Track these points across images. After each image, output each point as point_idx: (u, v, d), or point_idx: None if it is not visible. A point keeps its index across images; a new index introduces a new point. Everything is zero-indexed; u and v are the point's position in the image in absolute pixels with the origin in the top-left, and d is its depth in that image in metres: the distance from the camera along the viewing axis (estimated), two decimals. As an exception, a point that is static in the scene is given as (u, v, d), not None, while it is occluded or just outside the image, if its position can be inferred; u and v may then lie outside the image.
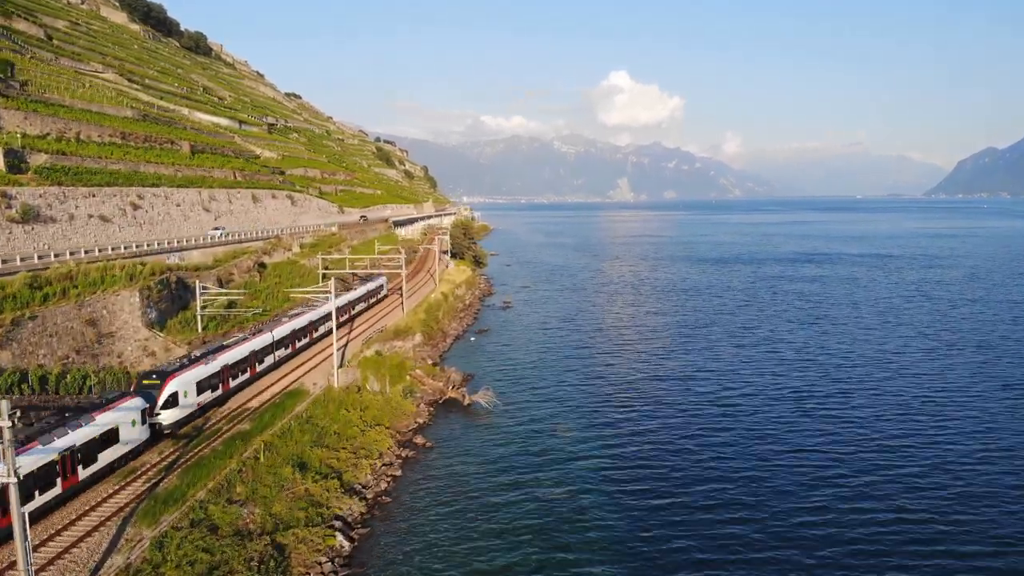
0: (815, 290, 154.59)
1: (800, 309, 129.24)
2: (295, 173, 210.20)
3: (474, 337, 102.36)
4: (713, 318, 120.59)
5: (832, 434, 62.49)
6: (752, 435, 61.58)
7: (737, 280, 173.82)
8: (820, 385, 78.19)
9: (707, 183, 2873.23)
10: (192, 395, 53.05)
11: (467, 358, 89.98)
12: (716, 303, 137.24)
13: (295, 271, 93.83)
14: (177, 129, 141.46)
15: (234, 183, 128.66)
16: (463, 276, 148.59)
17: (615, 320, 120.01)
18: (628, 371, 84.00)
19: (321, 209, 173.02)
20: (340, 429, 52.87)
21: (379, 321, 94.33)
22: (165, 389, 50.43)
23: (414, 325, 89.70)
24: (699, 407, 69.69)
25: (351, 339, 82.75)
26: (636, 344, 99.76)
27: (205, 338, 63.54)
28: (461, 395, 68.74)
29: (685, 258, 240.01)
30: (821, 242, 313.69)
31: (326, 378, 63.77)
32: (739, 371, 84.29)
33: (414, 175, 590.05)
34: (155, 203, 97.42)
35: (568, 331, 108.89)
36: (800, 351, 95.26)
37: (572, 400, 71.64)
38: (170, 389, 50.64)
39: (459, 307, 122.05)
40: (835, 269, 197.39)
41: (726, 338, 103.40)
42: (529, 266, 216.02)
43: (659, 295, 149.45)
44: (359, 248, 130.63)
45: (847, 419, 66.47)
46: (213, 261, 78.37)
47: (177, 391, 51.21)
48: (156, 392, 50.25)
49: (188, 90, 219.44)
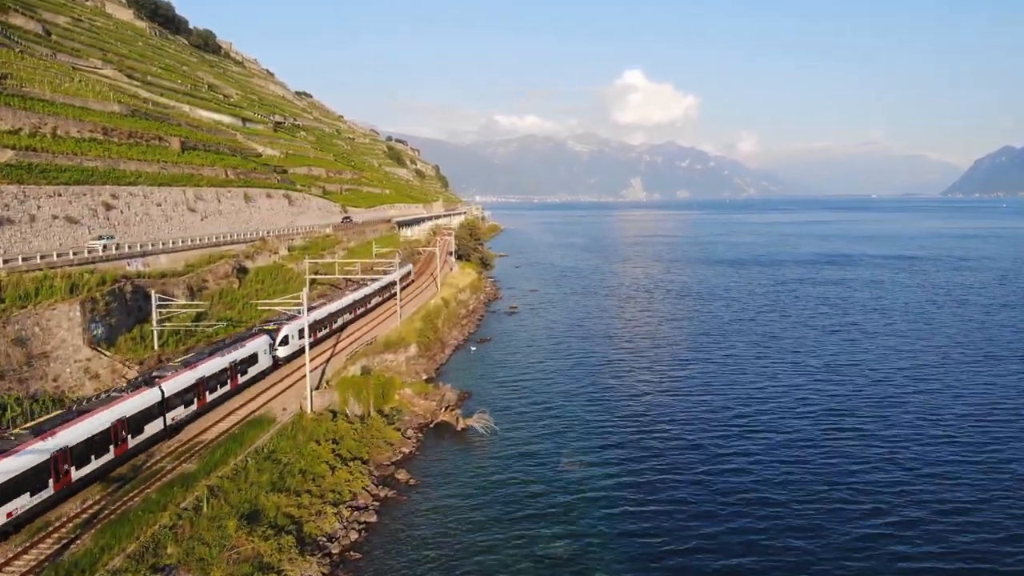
0: (839, 294, 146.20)
1: (825, 315, 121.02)
2: (298, 172, 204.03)
3: (475, 347, 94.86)
4: (732, 325, 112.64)
5: (870, 462, 54.76)
6: (785, 467, 53.76)
7: (756, 283, 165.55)
8: (853, 404, 70.17)
9: (721, 182, 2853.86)
10: (295, 339, 71.21)
11: (466, 372, 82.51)
12: (735, 309, 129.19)
13: (280, 276, 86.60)
14: (168, 125, 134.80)
15: (225, 181, 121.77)
16: (468, 279, 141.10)
17: (627, 328, 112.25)
18: (641, 388, 76.25)
19: (322, 209, 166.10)
20: (307, 466, 45.45)
21: (375, 328, 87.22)
22: (281, 332, 69.95)
23: (409, 335, 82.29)
24: (721, 431, 61.86)
25: (336, 352, 75.58)
26: (650, 355, 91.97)
27: (162, 356, 56.29)
28: (454, 418, 61.23)
29: (700, 260, 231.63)
30: (841, 243, 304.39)
31: (300, 401, 56.27)
32: (764, 387, 76.36)
33: (425, 174, 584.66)
34: (132, 203, 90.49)
35: (576, 340, 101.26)
36: (829, 364, 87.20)
37: (579, 423, 63.93)
38: (283, 332, 70.13)
39: (461, 313, 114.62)
40: (858, 271, 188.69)
41: (748, 349, 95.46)
42: (538, 268, 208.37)
43: (674, 299, 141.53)
44: (357, 251, 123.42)
45: (885, 444, 58.57)
46: (184, 267, 71.26)
47: (288, 334, 70.57)
48: (274, 334, 69.15)
49: (192, 87, 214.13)
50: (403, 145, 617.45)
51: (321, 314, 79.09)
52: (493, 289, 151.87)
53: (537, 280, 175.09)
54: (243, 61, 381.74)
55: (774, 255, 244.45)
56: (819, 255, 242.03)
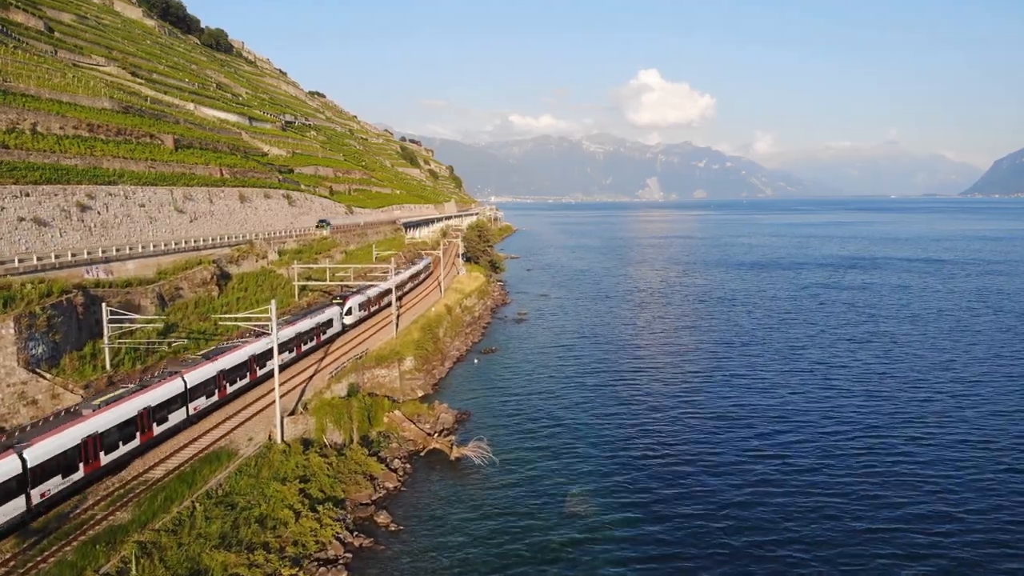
0: (867, 301, 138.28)
1: (854, 324, 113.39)
2: (305, 172, 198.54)
3: (478, 359, 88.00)
4: (755, 335, 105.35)
5: (914, 492, 47.76)
6: (824, 500, 46.73)
7: (778, 288, 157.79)
8: (892, 427, 62.88)
9: (738, 182, 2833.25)
10: (357, 311, 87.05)
11: (466, 387, 75.73)
12: (757, 316, 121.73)
13: (268, 283, 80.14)
14: (162, 122, 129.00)
15: (219, 181, 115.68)
16: (475, 284, 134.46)
17: (642, 337, 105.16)
18: (658, 407, 69.23)
19: (325, 209, 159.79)
20: (268, 511, 38.88)
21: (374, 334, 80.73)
22: (347, 303, 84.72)
23: (405, 348, 75.67)
24: (750, 461, 54.77)
25: (322, 367, 68.99)
26: (667, 369, 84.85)
27: (115, 377, 49.88)
28: (448, 445, 54.45)
29: (718, 262, 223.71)
30: (863, 245, 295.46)
31: (270, 429, 49.48)
32: (792, 407, 69.14)
33: (439, 175, 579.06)
34: (111, 203, 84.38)
35: (588, 351, 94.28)
36: (862, 380, 79.84)
37: (588, 452, 56.97)
38: (348, 304, 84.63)
39: (466, 321, 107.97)
40: (884, 276, 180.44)
41: (773, 362, 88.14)
42: (550, 271, 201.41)
43: (692, 305, 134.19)
44: (357, 254, 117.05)
45: (932, 475, 51.39)
46: (156, 274, 64.88)
47: (352, 305, 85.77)
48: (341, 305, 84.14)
49: (200, 86, 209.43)
50: (417, 145, 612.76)
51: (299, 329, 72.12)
52: (501, 294, 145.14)
53: (548, 284, 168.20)
54: (255, 61, 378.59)
55: (795, 258, 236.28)
56: (842, 258, 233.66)
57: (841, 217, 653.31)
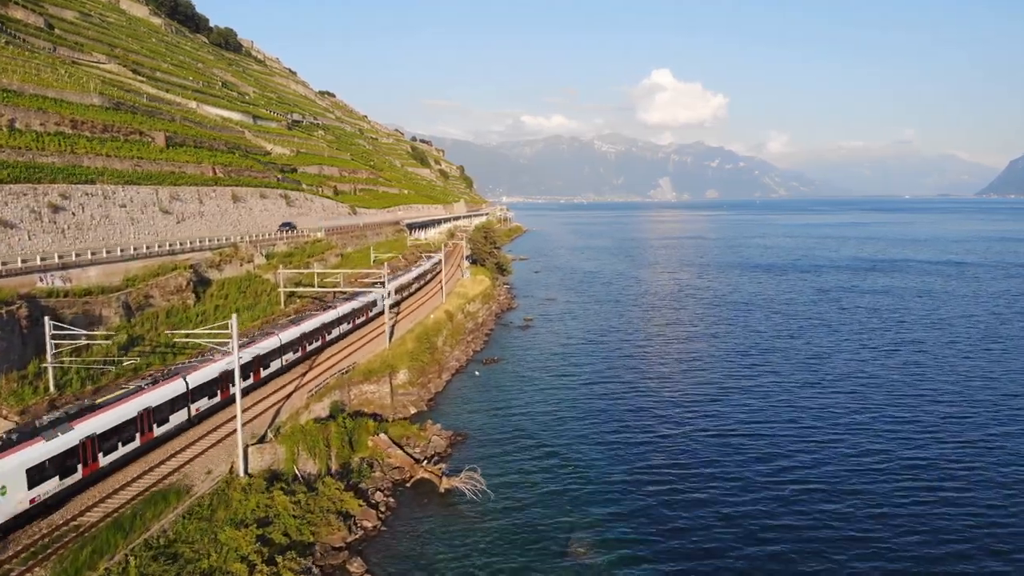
0: (890, 306, 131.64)
1: (879, 332, 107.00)
2: (309, 171, 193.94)
3: (479, 371, 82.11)
4: (774, 343, 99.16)
5: (960, 531, 41.68)
6: (854, 534, 40.82)
7: (796, 292, 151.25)
8: (933, 451, 56.74)
9: (751, 182, 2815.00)
10: (393, 295, 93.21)
11: (464, 403, 69.95)
12: (775, 322, 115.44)
13: (252, 289, 74.64)
14: (155, 119, 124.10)
15: (211, 180, 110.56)
16: (479, 288, 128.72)
17: (654, 345, 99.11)
18: (672, 426, 63.26)
19: (326, 210, 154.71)
20: (218, 563, 33.29)
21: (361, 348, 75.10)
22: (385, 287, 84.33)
23: (398, 359, 70.06)
24: (772, 492, 48.86)
25: (303, 384, 63.38)
26: (681, 382, 78.78)
27: (59, 400, 44.34)
28: (437, 475, 48.73)
29: (733, 264, 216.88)
30: (882, 246, 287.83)
31: (233, 460, 43.72)
32: (819, 428, 62.99)
33: (450, 175, 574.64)
34: (87, 204, 79.23)
35: (595, 361, 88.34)
36: (891, 393, 73.77)
37: (593, 480, 51.21)
38: (387, 288, 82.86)
39: (468, 327, 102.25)
40: (906, 279, 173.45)
41: (794, 373, 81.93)
42: (559, 273, 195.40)
43: (706, 311, 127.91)
44: (354, 257, 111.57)
45: (978, 501, 45.32)
46: (124, 280, 59.57)
47: (391, 290, 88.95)
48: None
49: (204, 84, 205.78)
50: (427, 146, 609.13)
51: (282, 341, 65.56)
52: (507, 298, 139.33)
53: (557, 287, 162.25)
54: (264, 60, 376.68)
55: (812, 259, 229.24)
56: (860, 259, 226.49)
57: (856, 217, 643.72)
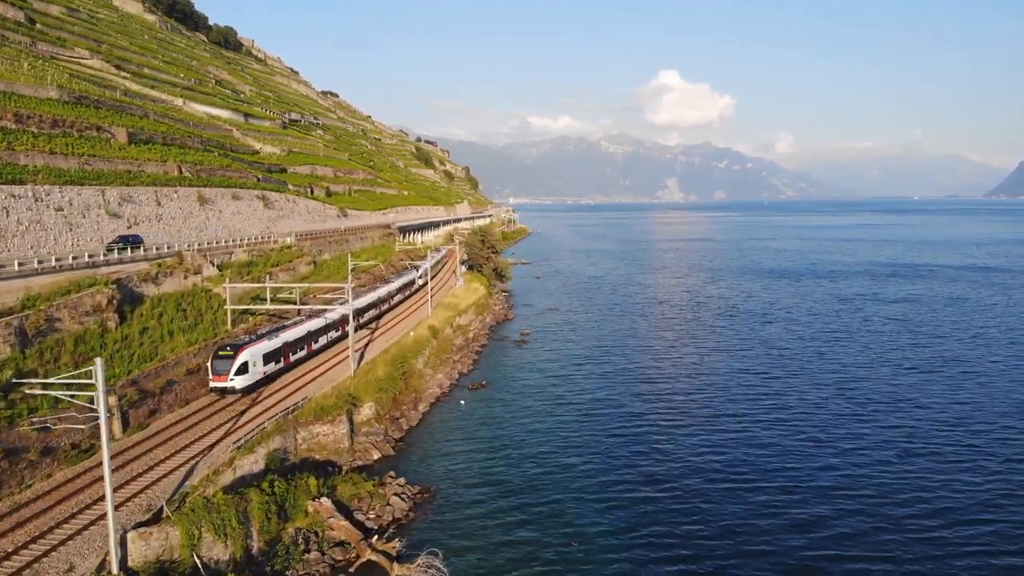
0: (920, 317, 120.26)
1: (915, 349, 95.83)
2: (300, 171, 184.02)
3: (464, 400, 71.13)
4: (797, 363, 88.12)
5: None
6: None
7: (815, 301, 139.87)
8: (1005, 511, 45.87)
9: (758, 183, 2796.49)
10: (427, 275, 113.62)
11: (438, 445, 58.90)
12: (796, 337, 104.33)
13: (195, 306, 63.39)
14: (123, 115, 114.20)
15: (175, 179, 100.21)
16: (473, 297, 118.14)
17: (663, 365, 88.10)
18: (687, 481, 52.44)
19: (311, 212, 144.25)
20: None
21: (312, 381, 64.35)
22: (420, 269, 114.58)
23: (363, 390, 59.41)
24: (793, 543, 38.15)
25: (239, 425, 52.67)
26: (695, 416, 67.65)
27: None
28: (387, 560, 37.86)
29: (746, 269, 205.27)
30: (899, 249, 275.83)
31: (110, 550, 32.50)
32: (853, 463, 52.14)
33: (454, 175, 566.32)
34: (15, 207, 68.82)
35: (597, 387, 77.35)
36: (938, 422, 62.87)
37: (592, 558, 40.51)
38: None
39: (456, 344, 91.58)
40: (932, 286, 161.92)
41: (824, 402, 70.84)
42: (562, 278, 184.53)
43: (720, 324, 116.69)
44: (329, 265, 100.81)
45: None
46: (22, 299, 48.96)
47: (427, 268, 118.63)
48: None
49: (197, 82, 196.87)
50: (432, 146, 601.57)
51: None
52: (504, 308, 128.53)
53: (558, 295, 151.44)
54: (265, 59, 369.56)
55: (828, 264, 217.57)
56: (878, 264, 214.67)
57: (867, 219, 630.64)
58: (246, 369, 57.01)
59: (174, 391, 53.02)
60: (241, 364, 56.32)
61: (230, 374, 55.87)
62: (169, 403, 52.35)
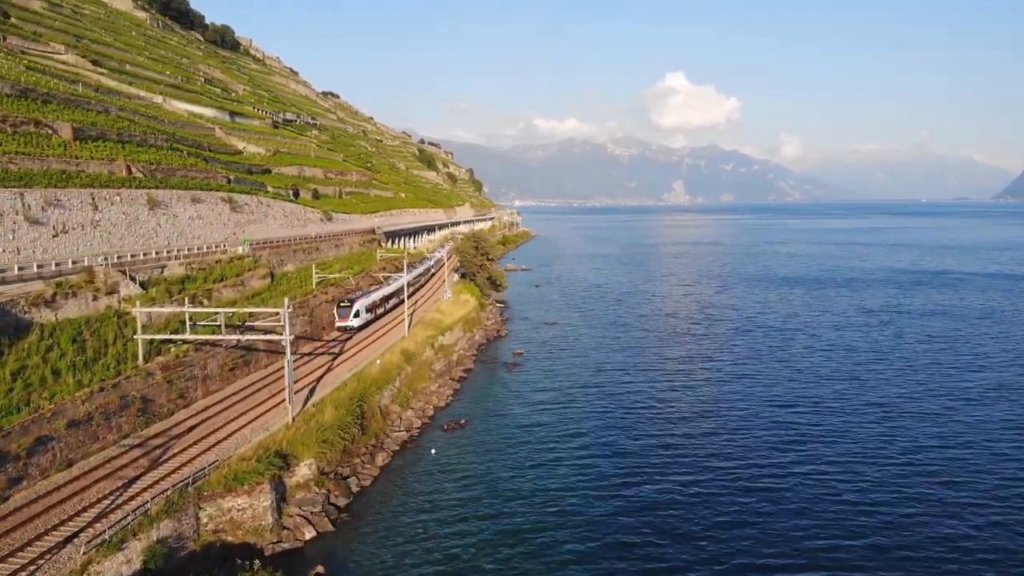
0: (960, 334, 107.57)
1: (958, 371, 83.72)
2: (287, 172, 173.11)
3: (436, 446, 59.01)
4: (827, 391, 75.92)
5: None
6: None
7: (838, 313, 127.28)
8: None
9: (765, 186, 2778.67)
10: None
11: (395, 513, 46.57)
12: (821, 358, 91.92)
13: (99, 337, 50.40)
14: (73, 109, 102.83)
15: (122, 180, 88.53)
16: (461, 311, 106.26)
17: (673, 396, 75.90)
18: (715, 563, 40.54)
19: (290, 216, 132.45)
20: None
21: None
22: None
23: (301, 443, 47.54)
24: None
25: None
26: (712, 467, 55.59)
27: None
28: None
29: (758, 277, 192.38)
30: (917, 254, 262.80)
31: None
32: (904, 518, 40.12)
33: (458, 178, 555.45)
34: None
35: (597, 424, 65.21)
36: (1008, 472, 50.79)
37: None
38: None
39: (436, 370, 79.64)
40: (962, 296, 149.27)
41: (865, 441, 58.85)
42: (562, 286, 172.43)
43: (736, 340, 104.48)
44: (292, 277, 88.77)
45: None
46: None
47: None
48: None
49: (184, 80, 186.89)
50: (436, 148, 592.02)
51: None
52: (497, 322, 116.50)
53: (558, 306, 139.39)
54: (263, 58, 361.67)
55: (845, 271, 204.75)
56: (900, 271, 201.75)
57: (879, 222, 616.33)
58: (359, 315, 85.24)
59: (51, 451, 41.25)
60: (356, 311, 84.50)
61: (349, 317, 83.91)
62: (43, 467, 40.60)
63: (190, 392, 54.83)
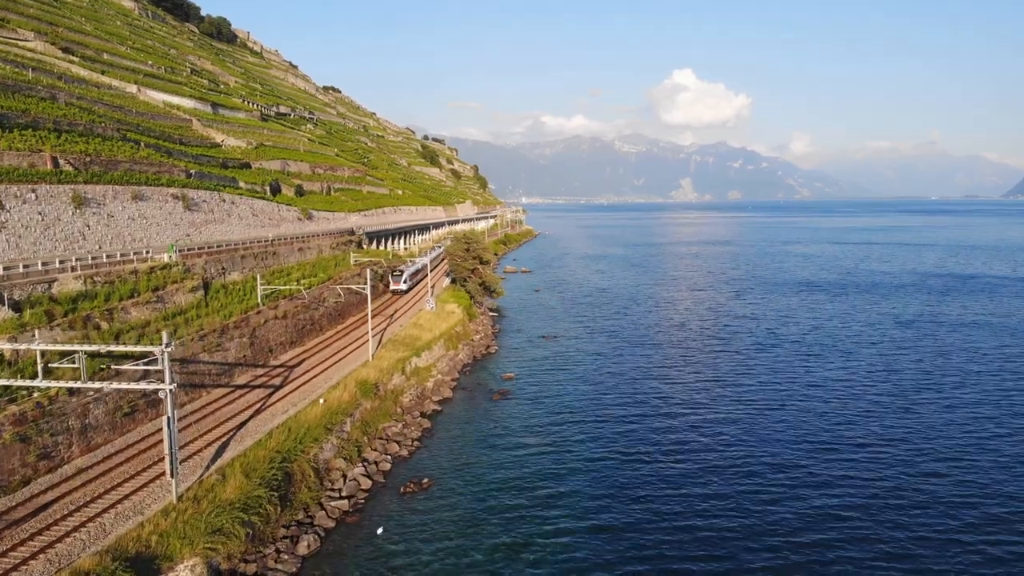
0: (1009, 350, 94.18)
1: (1016, 393, 70.37)
2: (270, 166, 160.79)
3: (383, 527, 44.64)
4: (874, 425, 62.43)
5: None
6: None
7: (868, 324, 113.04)
8: None
9: (774, 183, 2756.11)
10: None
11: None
12: (862, 383, 77.92)
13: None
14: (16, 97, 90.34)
15: (45, 173, 75.48)
16: (445, 324, 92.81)
17: (687, 436, 62.23)
18: None
19: (260, 215, 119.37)
20: None
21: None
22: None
23: (187, 534, 34.41)
24: None
25: None
26: (732, 515, 42.49)
27: None
28: None
29: (774, 280, 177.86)
30: (940, 255, 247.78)
31: None
32: None
33: (462, 174, 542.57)
34: None
35: (595, 478, 51.85)
36: None
37: None
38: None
39: (404, 403, 66.25)
40: (1001, 303, 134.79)
41: (918, 491, 45.42)
42: (563, 291, 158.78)
43: (758, 358, 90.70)
44: (235, 289, 75.36)
45: None
46: None
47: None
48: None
49: (168, 70, 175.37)
50: (440, 144, 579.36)
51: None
52: (487, 336, 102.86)
53: (557, 315, 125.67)
54: (262, 52, 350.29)
55: (867, 273, 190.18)
56: (926, 274, 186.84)
57: (892, 221, 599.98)
58: (407, 281, 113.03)
59: None
60: (405, 277, 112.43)
61: (400, 283, 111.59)
62: None
63: (59, 451, 41.68)
